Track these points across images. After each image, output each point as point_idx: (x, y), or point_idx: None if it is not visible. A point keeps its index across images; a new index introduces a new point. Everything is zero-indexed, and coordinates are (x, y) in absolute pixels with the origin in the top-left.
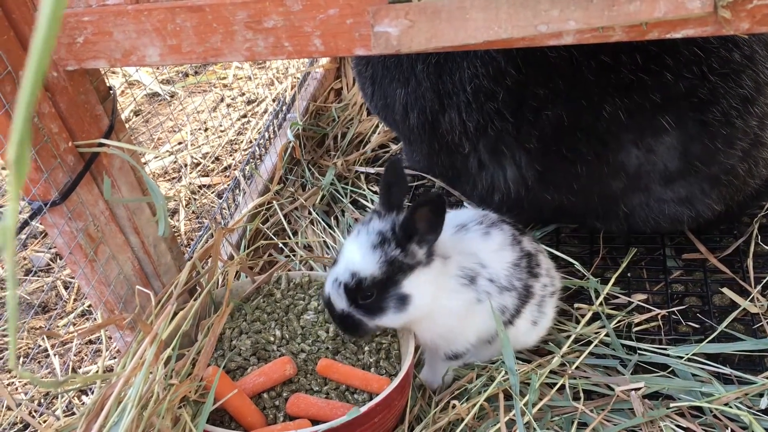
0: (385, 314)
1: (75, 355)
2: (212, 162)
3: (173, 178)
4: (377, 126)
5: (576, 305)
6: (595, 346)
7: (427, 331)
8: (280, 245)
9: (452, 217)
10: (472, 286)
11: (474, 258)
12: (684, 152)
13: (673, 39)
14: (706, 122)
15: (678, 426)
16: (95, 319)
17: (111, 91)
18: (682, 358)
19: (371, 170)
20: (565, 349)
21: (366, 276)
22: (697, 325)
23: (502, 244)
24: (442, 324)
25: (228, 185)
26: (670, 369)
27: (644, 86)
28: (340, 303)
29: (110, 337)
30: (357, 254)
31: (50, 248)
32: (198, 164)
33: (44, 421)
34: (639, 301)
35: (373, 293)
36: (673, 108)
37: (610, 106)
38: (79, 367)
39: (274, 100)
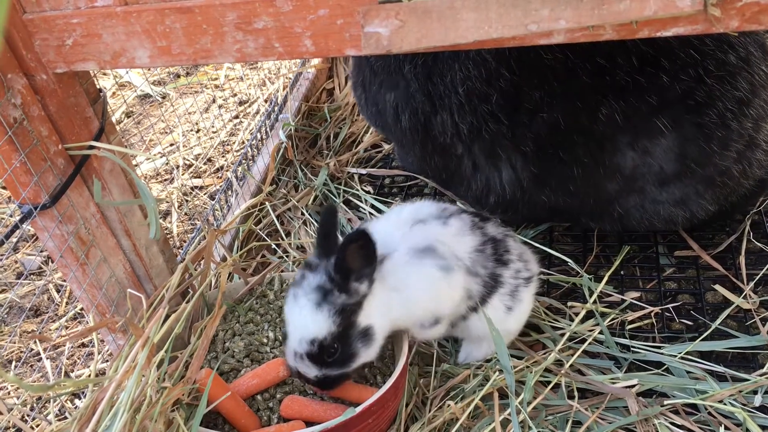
0: (359, 356)
1: (67, 359)
2: (204, 163)
3: (165, 180)
4: (369, 126)
5: (569, 303)
6: (589, 344)
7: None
8: (273, 246)
9: (412, 212)
10: (433, 254)
11: (430, 237)
12: (680, 154)
13: (667, 40)
14: (702, 124)
15: (672, 423)
16: (87, 322)
17: (101, 93)
18: (675, 356)
19: (362, 171)
20: (559, 346)
21: (325, 336)
22: (690, 323)
23: (461, 230)
24: (404, 309)
25: (220, 186)
26: (665, 367)
27: (640, 88)
28: (311, 371)
29: (102, 341)
30: (306, 319)
31: (42, 251)
32: (190, 166)
33: (36, 426)
34: (632, 299)
35: (337, 347)
36: (670, 110)
37: (606, 108)
38: (72, 371)
39: (266, 101)
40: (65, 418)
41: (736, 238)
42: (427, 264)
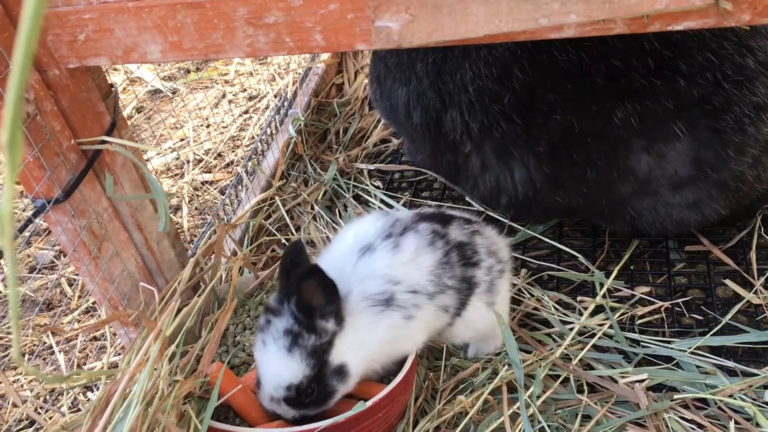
0: (337, 392)
1: (79, 352)
2: (214, 158)
3: (176, 175)
4: (379, 121)
5: (579, 298)
6: (599, 338)
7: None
8: (283, 241)
9: (356, 237)
10: (391, 307)
11: (382, 279)
12: (695, 159)
13: (685, 42)
14: (718, 129)
15: (682, 418)
16: (99, 316)
17: (113, 89)
18: (685, 351)
19: (371, 167)
20: (568, 341)
21: (300, 381)
22: (700, 317)
23: (417, 251)
24: (376, 352)
25: (230, 181)
26: (674, 361)
27: (656, 92)
28: (289, 413)
29: (114, 334)
30: (279, 366)
31: (54, 245)
32: (200, 161)
33: (50, 418)
34: (642, 293)
35: (314, 388)
36: (686, 115)
37: (622, 112)
38: (84, 364)
39: (275, 96)
40: (78, 410)
41: (747, 233)
42: (389, 317)
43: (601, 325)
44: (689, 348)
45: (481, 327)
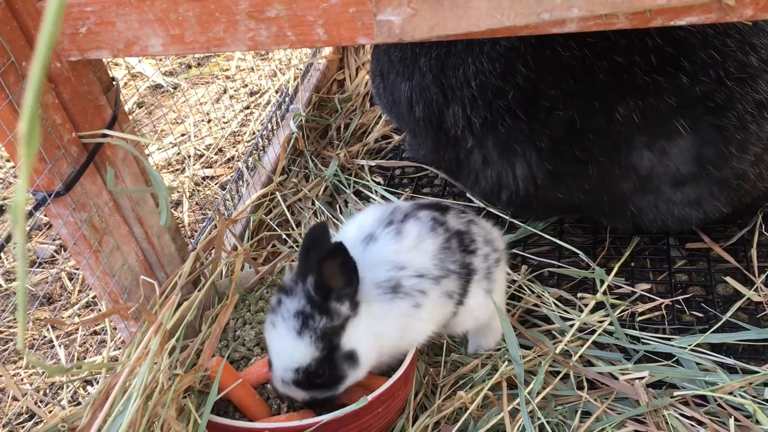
0: (347, 378)
1: (80, 346)
2: (215, 153)
3: (176, 170)
4: (380, 117)
5: (579, 294)
6: (599, 335)
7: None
8: (284, 236)
9: (358, 227)
10: (399, 294)
11: (387, 266)
12: (697, 156)
13: (688, 39)
14: (721, 127)
15: (682, 414)
16: (100, 310)
17: (114, 82)
18: (686, 348)
19: (372, 163)
20: (568, 337)
21: (309, 363)
22: (700, 315)
23: (419, 236)
24: (387, 343)
25: (231, 176)
26: (675, 358)
27: (659, 89)
28: (299, 395)
29: (115, 328)
30: (288, 348)
31: (55, 239)
32: (201, 156)
33: (50, 411)
34: (642, 290)
35: (325, 370)
36: (688, 112)
37: (624, 108)
38: (84, 358)
39: (276, 92)
40: (78, 404)
41: (748, 230)
42: (398, 305)
43: (602, 321)
44: (689, 345)
45: (481, 315)
